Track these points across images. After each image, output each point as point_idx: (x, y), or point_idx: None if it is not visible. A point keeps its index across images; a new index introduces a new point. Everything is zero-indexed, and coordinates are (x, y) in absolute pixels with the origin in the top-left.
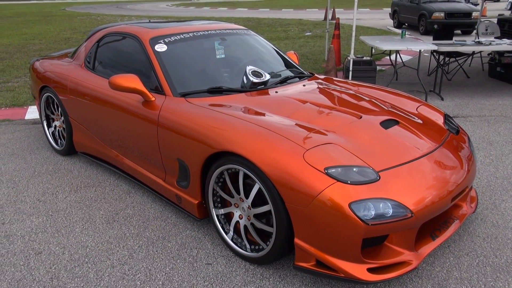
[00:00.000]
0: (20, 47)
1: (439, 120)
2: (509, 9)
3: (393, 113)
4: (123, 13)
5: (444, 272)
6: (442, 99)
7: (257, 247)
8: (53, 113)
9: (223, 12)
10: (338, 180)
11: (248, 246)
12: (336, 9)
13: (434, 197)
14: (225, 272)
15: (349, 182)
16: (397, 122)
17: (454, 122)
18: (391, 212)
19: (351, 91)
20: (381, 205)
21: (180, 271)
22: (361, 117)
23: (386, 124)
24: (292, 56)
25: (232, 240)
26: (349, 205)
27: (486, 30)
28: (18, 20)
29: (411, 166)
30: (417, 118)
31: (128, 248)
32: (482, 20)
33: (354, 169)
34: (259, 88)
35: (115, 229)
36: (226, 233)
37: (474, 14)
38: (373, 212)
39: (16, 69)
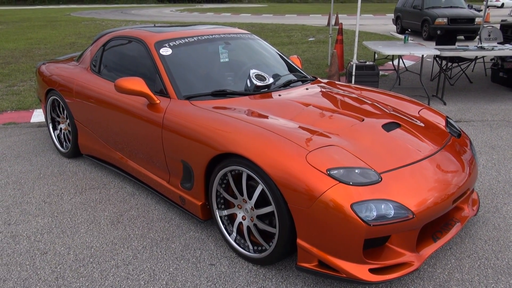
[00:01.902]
0: (25, 51)
1: (441, 123)
2: None
3: (395, 116)
4: (127, 18)
5: (445, 273)
6: (445, 103)
7: (260, 248)
8: (58, 116)
9: (227, 18)
10: (340, 181)
11: (251, 247)
12: (339, 15)
13: (436, 198)
14: (228, 273)
15: (351, 183)
16: (398, 125)
17: (456, 125)
18: (393, 213)
19: (353, 95)
20: (382, 206)
21: (183, 272)
22: (363, 120)
23: (388, 127)
24: (295, 60)
25: (235, 241)
26: (351, 206)
27: (489, 35)
28: (23, 25)
29: (413, 168)
30: (418, 121)
31: (132, 248)
32: (485, 25)
33: (356, 171)
34: (263, 91)
35: (120, 230)
36: (229, 234)
37: (477, 20)
38: (374, 213)
39: (21, 73)
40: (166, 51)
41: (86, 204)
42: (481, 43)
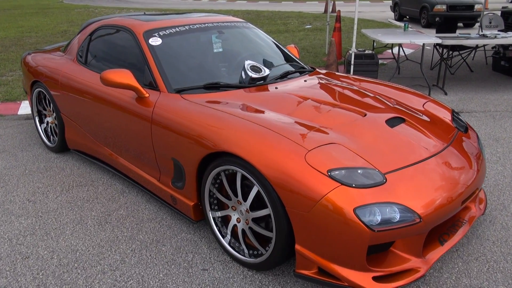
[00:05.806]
0: (16, 40)
1: (447, 117)
2: (511, 2)
3: (399, 110)
4: (122, 6)
5: (452, 279)
6: (446, 93)
7: (255, 252)
8: (45, 109)
9: (222, 5)
10: (342, 183)
11: (246, 251)
12: (336, 2)
13: (444, 200)
14: (222, 279)
15: (353, 185)
16: (403, 120)
17: (462, 119)
18: (398, 217)
19: (354, 87)
20: (387, 210)
21: (174, 278)
22: (365, 115)
23: (391, 122)
24: (292, 50)
25: (229, 244)
26: (354, 210)
27: (490, 23)
28: (15, 13)
29: (419, 167)
30: (424, 116)
31: (120, 252)
32: (485, 12)
33: (359, 171)
34: (258, 83)
35: (107, 232)
36: (223, 237)
37: (477, 6)
38: (379, 218)
39: (11, 63)
40: (155, 41)
41: (72, 203)
42: (482, 31)
